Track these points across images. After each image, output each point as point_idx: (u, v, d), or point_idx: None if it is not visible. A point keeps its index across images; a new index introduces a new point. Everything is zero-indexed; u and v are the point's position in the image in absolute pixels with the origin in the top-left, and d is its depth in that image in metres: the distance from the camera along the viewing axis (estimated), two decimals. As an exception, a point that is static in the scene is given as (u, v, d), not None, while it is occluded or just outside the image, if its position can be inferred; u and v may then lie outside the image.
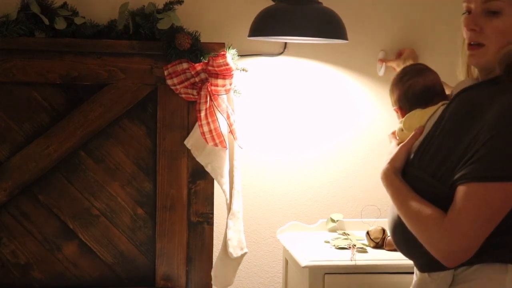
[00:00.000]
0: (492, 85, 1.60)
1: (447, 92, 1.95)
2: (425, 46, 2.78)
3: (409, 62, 2.54)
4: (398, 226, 1.72)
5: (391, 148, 1.83)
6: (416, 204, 1.63)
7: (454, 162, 1.58)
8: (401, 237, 1.73)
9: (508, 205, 1.53)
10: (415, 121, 1.81)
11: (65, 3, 2.48)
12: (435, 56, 2.75)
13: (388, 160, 1.78)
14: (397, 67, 2.60)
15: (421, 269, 1.71)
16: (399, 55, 2.68)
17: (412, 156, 1.73)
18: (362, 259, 2.37)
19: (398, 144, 1.80)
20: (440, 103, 1.78)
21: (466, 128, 1.58)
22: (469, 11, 1.66)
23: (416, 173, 1.69)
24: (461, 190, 1.54)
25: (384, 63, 2.70)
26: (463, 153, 1.56)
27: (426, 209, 1.60)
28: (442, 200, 1.58)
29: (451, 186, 1.57)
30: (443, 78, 1.99)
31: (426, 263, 1.66)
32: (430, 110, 1.79)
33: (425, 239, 1.60)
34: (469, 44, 1.66)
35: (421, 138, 1.73)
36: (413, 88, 1.89)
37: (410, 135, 1.78)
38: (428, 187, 1.64)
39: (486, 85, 1.63)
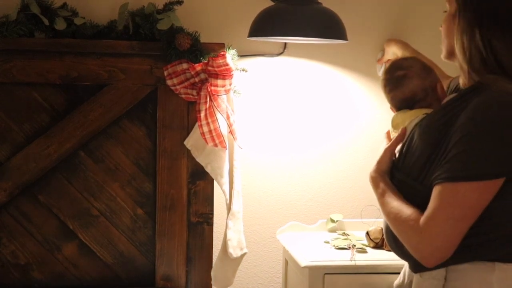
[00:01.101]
0: (469, 92, 1.65)
1: (444, 83, 2.01)
2: (426, 46, 2.78)
3: (397, 54, 2.59)
4: (388, 228, 1.75)
5: (380, 149, 1.87)
6: (397, 206, 1.67)
7: (433, 164, 1.61)
8: (391, 238, 1.76)
9: (482, 203, 1.55)
10: (400, 122, 1.87)
11: (65, 4, 2.48)
12: (435, 56, 2.75)
13: (376, 161, 1.84)
14: (390, 57, 2.66)
15: (413, 270, 1.73)
16: (387, 47, 2.69)
17: (396, 159, 1.78)
18: (361, 259, 2.37)
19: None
20: (423, 112, 1.82)
21: (444, 131, 1.61)
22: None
23: (401, 177, 1.73)
24: (435, 190, 1.57)
25: (383, 64, 2.70)
26: (441, 154, 1.59)
27: (405, 211, 1.64)
28: (426, 203, 1.60)
29: (430, 187, 1.60)
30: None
31: (414, 264, 1.68)
32: (413, 113, 1.85)
33: (404, 240, 1.64)
34: None
35: (404, 141, 1.77)
36: (394, 99, 1.96)
37: (394, 137, 1.84)
38: (412, 190, 1.67)
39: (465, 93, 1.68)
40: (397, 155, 1.80)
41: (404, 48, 2.59)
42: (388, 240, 1.80)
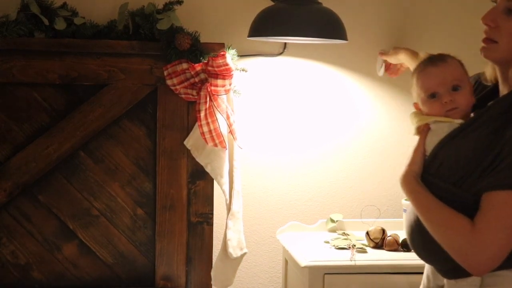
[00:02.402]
0: None
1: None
2: (426, 46, 2.78)
3: (403, 62, 2.55)
4: (417, 232, 1.70)
5: (410, 149, 1.80)
6: (442, 212, 1.61)
7: (480, 171, 1.57)
8: (421, 243, 1.71)
9: None
10: (423, 119, 1.79)
11: (65, 4, 2.48)
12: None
13: (407, 164, 1.75)
14: (393, 62, 2.60)
15: (446, 276, 1.69)
16: (394, 53, 2.58)
17: (427, 161, 1.72)
18: (361, 259, 2.37)
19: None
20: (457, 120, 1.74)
21: (493, 138, 1.57)
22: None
23: (434, 181, 1.67)
24: (486, 198, 1.54)
25: (383, 64, 2.69)
26: (492, 161, 1.55)
27: (453, 218, 1.58)
28: (465, 208, 1.57)
29: (475, 194, 1.56)
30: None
31: (452, 269, 1.64)
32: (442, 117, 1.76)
33: (452, 247, 1.58)
34: (484, 38, 1.68)
35: (433, 145, 1.71)
36: (427, 82, 1.80)
37: (419, 137, 1.77)
38: (448, 195, 1.63)
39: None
40: (427, 157, 1.74)
41: (413, 58, 2.47)
42: (414, 242, 1.75)
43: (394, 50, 2.57)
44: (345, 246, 2.47)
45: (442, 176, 1.65)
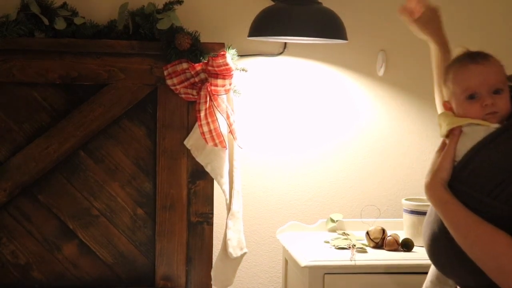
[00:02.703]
0: None
1: None
2: (426, 45, 2.78)
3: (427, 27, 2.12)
4: (440, 244, 1.61)
5: (435, 154, 1.66)
6: (479, 227, 1.50)
7: None
8: (444, 256, 1.61)
9: None
10: (454, 122, 1.65)
11: (65, 3, 2.48)
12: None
13: (433, 170, 1.62)
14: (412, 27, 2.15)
15: None
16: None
17: (457, 168, 1.59)
18: (361, 259, 2.37)
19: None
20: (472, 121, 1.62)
21: None
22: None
23: (464, 189, 1.56)
24: None
25: (383, 64, 2.69)
26: None
27: (492, 233, 1.48)
28: (499, 220, 1.48)
29: (507, 204, 1.48)
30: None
31: (479, 286, 1.56)
32: (463, 119, 1.64)
33: (490, 266, 1.48)
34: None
35: (466, 150, 1.59)
36: (463, 80, 1.66)
37: (449, 140, 1.63)
38: (480, 205, 1.52)
39: None
40: (455, 164, 1.61)
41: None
42: (437, 257, 1.64)
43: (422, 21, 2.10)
44: (345, 246, 2.47)
45: (474, 185, 1.54)
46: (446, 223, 1.55)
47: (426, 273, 2.01)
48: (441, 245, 1.60)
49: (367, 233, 2.53)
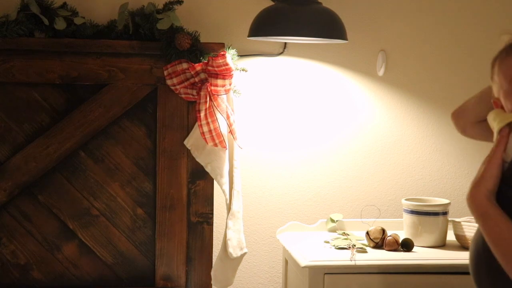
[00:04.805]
0: None
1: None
2: (426, 45, 2.79)
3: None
4: (484, 263, 1.47)
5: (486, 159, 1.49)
6: None
7: None
8: (485, 275, 1.47)
9: None
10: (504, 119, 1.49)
11: (65, 3, 2.48)
12: (437, 58, 2.75)
13: (477, 179, 1.45)
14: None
15: None
16: None
17: (507, 171, 1.44)
18: (361, 259, 2.37)
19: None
20: None
21: None
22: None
23: None
24: None
25: (383, 63, 2.68)
26: None
27: None
28: None
29: None
30: (440, 78, 1.99)
31: None
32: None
33: None
34: None
35: None
36: None
37: (496, 143, 1.47)
38: None
39: None
40: (505, 166, 1.45)
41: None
42: (475, 273, 1.50)
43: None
44: (345, 246, 2.47)
45: None
46: (486, 238, 1.41)
47: (426, 273, 1.98)
48: (484, 263, 1.46)
49: (367, 233, 2.53)
